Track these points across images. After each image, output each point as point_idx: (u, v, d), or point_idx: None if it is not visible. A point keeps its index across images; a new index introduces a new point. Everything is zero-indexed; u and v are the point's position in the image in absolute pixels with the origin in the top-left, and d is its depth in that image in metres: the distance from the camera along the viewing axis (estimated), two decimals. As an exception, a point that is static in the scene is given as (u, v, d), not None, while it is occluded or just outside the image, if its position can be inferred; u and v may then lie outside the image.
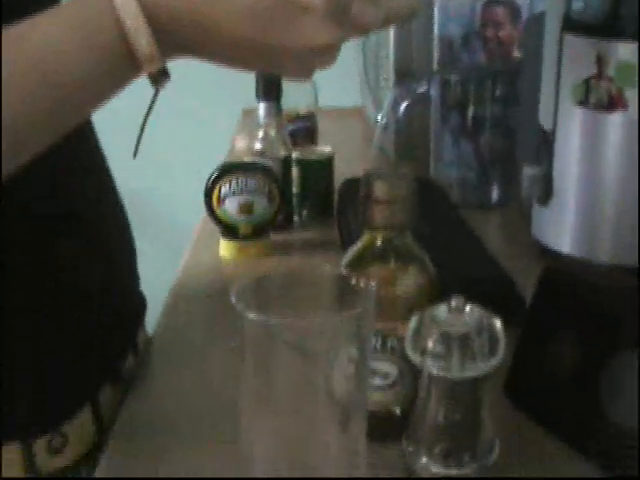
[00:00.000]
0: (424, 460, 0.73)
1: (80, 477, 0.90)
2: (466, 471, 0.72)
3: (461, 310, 0.70)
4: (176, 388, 0.93)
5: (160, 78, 0.70)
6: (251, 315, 0.61)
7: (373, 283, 0.64)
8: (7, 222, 0.79)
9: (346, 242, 1.15)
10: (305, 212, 1.42)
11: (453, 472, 0.72)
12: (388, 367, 0.77)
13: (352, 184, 1.32)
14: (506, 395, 0.84)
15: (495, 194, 1.48)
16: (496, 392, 0.82)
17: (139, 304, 1.09)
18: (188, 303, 1.15)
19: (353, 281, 0.66)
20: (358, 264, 0.77)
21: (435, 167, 1.52)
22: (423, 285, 0.77)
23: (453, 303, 0.70)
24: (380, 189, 0.74)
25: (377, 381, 0.77)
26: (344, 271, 0.67)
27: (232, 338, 0.61)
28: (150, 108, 0.75)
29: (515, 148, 1.43)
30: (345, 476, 0.66)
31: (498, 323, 0.70)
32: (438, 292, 0.77)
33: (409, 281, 0.77)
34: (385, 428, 0.78)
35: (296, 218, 1.41)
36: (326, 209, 1.42)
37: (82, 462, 0.90)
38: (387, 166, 1.50)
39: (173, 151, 2.52)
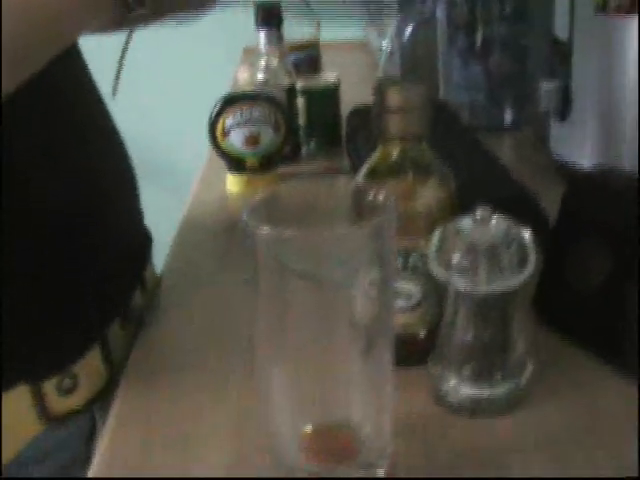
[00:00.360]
0: (453, 382, 0.69)
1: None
2: (498, 391, 0.68)
3: (487, 221, 0.66)
4: (187, 324, 0.90)
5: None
6: (264, 230, 0.55)
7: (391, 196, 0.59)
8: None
9: (357, 170, 1.11)
10: (312, 142, 1.38)
11: (485, 393, 0.68)
12: (411, 287, 0.73)
13: (360, 111, 1.27)
14: (536, 312, 0.80)
15: (507, 116, 1.43)
16: (526, 310, 0.79)
17: (144, 239, 1.05)
18: (196, 239, 1.12)
19: (370, 194, 0.61)
20: (373, 179, 0.72)
21: (444, 90, 1.47)
22: (444, 199, 0.72)
23: (478, 214, 0.66)
24: (393, 97, 0.69)
25: (400, 303, 0.73)
26: (360, 184, 0.62)
27: (243, 271, 0.58)
28: (127, 43, 0.72)
29: (526, 68, 1.39)
30: (370, 404, 0.62)
31: (527, 234, 0.66)
32: (459, 207, 0.72)
33: (429, 195, 0.72)
34: (410, 352, 0.74)
35: (304, 149, 1.38)
36: (334, 139, 1.38)
37: (94, 402, 0.87)
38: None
39: (176, 92, 2.48)
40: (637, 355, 0.71)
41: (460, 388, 0.69)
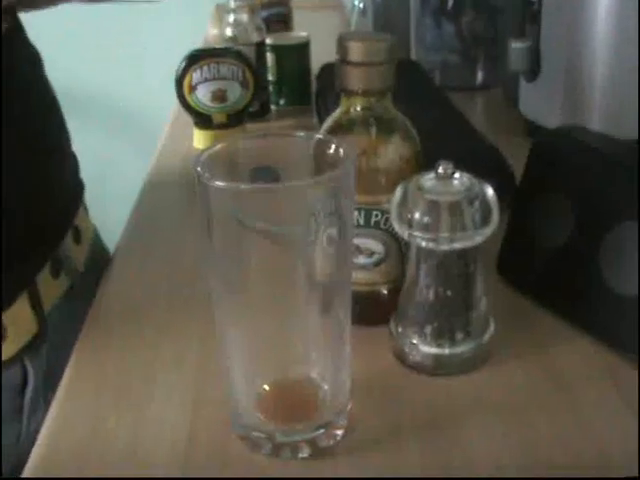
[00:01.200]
0: (414, 340, 0.68)
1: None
2: (459, 349, 0.67)
3: (449, 177, 0.65)
4: (145, 283, 0.88)
5: None
6: (218, 183, 0.54)
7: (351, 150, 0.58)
8: None
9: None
10: (282, 100, 1.37)
11: (445, 351, 0.67)
12: (373, 244, 0.72)
13: (330, 69, 1.25)
14: (499, 272, 0.79)
15: (479, 76, 1.43)
16: (489, 270, 0.78)
17: (75, 187, 1.03)
18: (160, 195, 1.10)
19: (331, 148, 0.59)
20: (336, 134, 0.70)
21: (416, 50, 1.46)
22: (407, 156, 0.71)
23: (440, 170, 0.65)
24: (355, 50, 0.68)
25: (361, 259, 0.72)
26: (321, 138, 0.61)
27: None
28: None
29: (498, 27, 1.38)
30: (328, 361, 0.62)
31: (490, 191, 0.65)
32: (424, 165, 0.70)
33: (392, 152, 0.71)
34: (373, 310, 0.73)
35: (273, 106, 1.36)
36: (304, 96, 1.36)
37: (24, 352, 0.86)
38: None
39: (146, 48, 2.46)
40: (599, 314, 0.70)
41: (421, 346, 0.68)
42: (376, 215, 0.70)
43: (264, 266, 0.58)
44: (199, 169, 0.55)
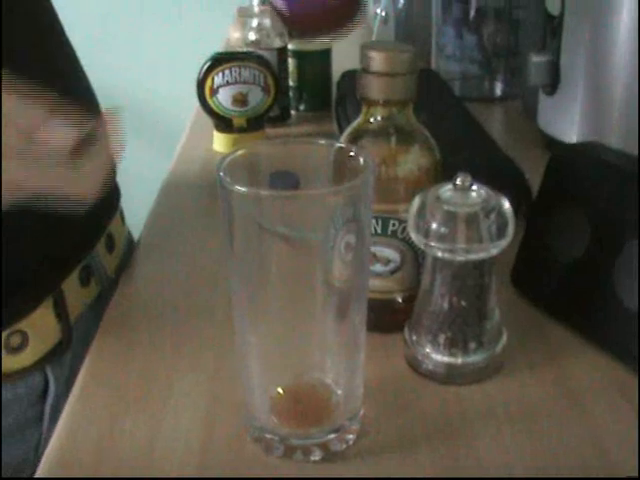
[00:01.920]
0: (427, 349, 0.69)
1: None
2: (472, 359, 0.68)
3: (467, 189, 0.65)
4: (165, 285, 0.88)
5: None
6: (239, 188, 0.55)
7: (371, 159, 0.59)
8: None
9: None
10: (302, 105, 1.37)
11: (458, 360, 0.68)
12: (389, 253, 0.72)
13: (351, 76, 1.27)
14: (513, 284, 0.80)
15: (498, 88, 1.43)
16: (503, 282, 0.79)
17: (111, 192, 1.02)
18: (179, 198, 1.10)
19: (351, 157, 0.60)
20: (356, 142, 0.71)
21: (437, 60, 1.47)
22: (427, 167, 0.71)
23: (459, 181, 0.65)
24: (378, 60, 0.68)
25: (377, 267, 0.72)
26: (341, 146, 0.62)
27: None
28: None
29: (519, 40, 1.39)
30: (342, 367, 0.63)
31: (506, 203, 0.65)
32: (442, 176, 0.71)
33: (411, 162, 0.71)
34: (387, 317, 0.74)
35: (293, 112, 1.37)
36: (324, 102, 1.37)
37: (46, 360, 0.85)
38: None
39: (169, 52, 2.47)
40: (610, 328, 0.71)
41: (434, 355, 0.69)
42: (393, 224, 0.71)
43: (283, 270, 0.59)
44: (221, 174, 0.56)
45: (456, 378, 0.69)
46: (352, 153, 0.60)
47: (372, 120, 0.71)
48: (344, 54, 1.38)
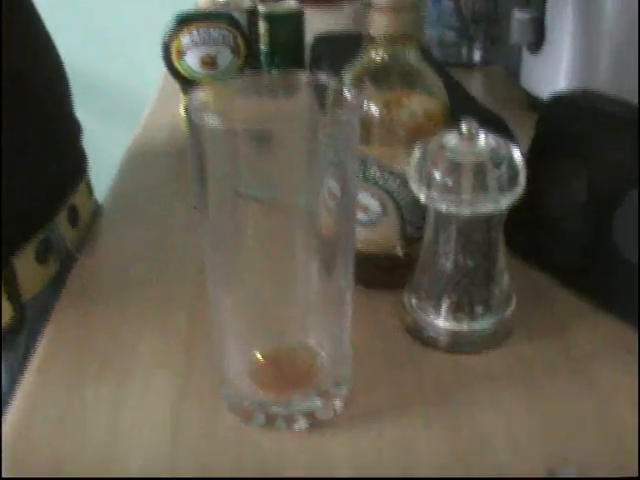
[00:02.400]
0: (430, 314, 0.63)
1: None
2: (479, 325, 0.62)
3: (474, 137, 0.59)
4: (133, 250, 0.82)
5: None
6: (212, 121, 0.48)
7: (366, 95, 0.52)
8: None
9: (320, 98, 1.04)
10: (274, 69, 1.31)
11: (464, 327, 0.62)
12: (368, 200, 0.66)
13: (325, 39, 1.21)
14: (507, 244, 0.73)
15: (477, 54, 1.37)
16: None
17: (72, 157, 0.94)
18: (147, 163, 1.05)
19: (334, 91, 0.54)
20: (357, 83, 0.65)
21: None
22: (432, 112, 0.66)
23: (464, 128, 0.59)
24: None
25: (358, 216, 0.66)
26: (321, 80, 0.55)
27: (194, 198, 0.51)
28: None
29: (498, 7, 1.34)
30: (327, 328, 0.57)
31: (517, 152, 0.59)
32: (449, 124, 0.65)
33: (415, 105, 0.65)
34: (373, 273, 0.68)
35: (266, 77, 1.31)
36: (297, 66, 1.31)
37: None
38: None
39: (135, 17, 2.40)
40: (615, 284, 0.66)
41: (437, 321, 0.63)
42: (373, 169, 0.65)
43: (259, 226, 0.54)
44: (190, 111, 0.50)
45: (462, 346, 0.63)
46: (336, 87, 0.54)
47: (375, 59, 0.65)
48: (318, 17, 1.33)
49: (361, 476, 0.53)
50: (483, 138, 0.59)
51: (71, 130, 0.94)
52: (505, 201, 0.59)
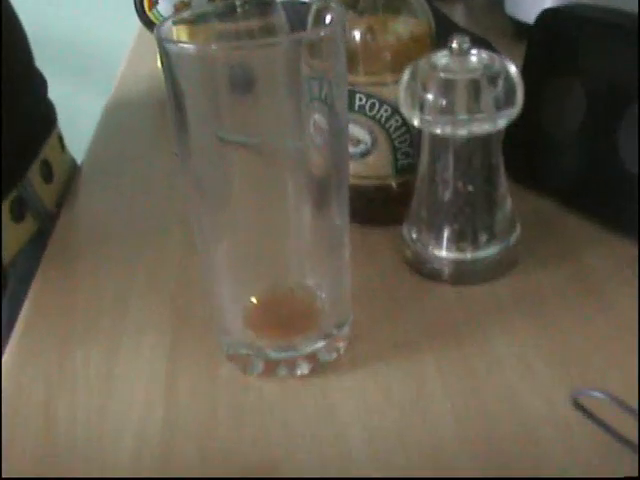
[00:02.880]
0: (431, 245, 0.60)
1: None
2: (483, 254, 0.59)
3: (466, 53, 0.56)
4: (115, 206, 0.79)
5: None
6: (187, 47, 0.45)
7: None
8: None
9: (294, 28, 1.01)
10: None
11: (467, 256, 0.59)
12: (358, 131, 0.63)
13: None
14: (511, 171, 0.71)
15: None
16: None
17: (39, 107, 0.91)
18: (124, 118, 1.01)
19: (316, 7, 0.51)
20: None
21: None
22: (419, 35, 0.62)
23: (455, 44, 0.56)
24: None
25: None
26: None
27: (174, 146, 0.48)
28: None
29: None
30: (324, 267, 0.54)
31: (513, 67, 0.56)
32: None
33: (401, 29, 0.62)
34: (366, 207, 0.66)
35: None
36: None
37: None
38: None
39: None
40: (618, 201, 0.63)
41: (439, 252, 0.60)
42: (360, 99, 0.62)
43: (245, 170, 0.50)
44: (160, 34, 0.47)
45: (466, 277, 0.60)
46: (318, 7, 0.51)
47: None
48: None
49: (370, 418, 0.50)
50: (475, 54, 0.56)
51: (32, 81, 0.91)
52: (503, 120, 0.55)
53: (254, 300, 0.54)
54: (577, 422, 0.47)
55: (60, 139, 0.93)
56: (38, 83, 0.92)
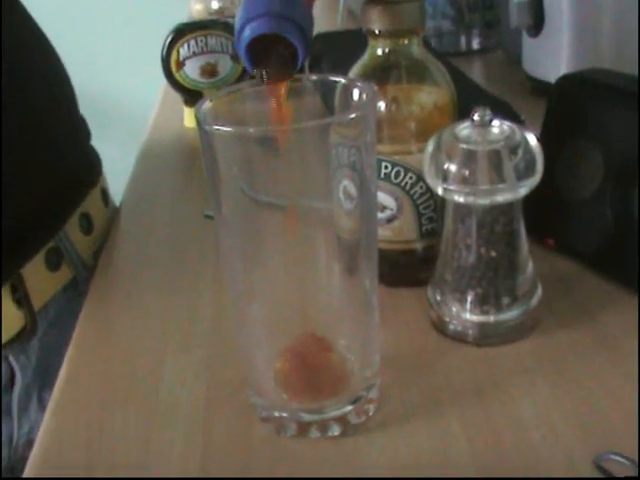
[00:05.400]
0: (455, 308, 0.62)
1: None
2: (506, 316, 0.61)
3: (487, 125, 0.58)
4: (147, 261, 0.82)
5: None
6: (223, 128, 0.48)
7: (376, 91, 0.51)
8: None
9: (324, 98, 1.04)
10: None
11: (491, 318, 0.61)
12: (383, 198, 0.66)
13: (324, 37, 1.20)
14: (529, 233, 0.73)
15: (475, 42, 1.37)
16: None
17: (80, 160, 0.92)
18: (153, 176, 1.04)
19: (355, 91, 0.53)
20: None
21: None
22: (442, 103, 0.65)
23: (477, 116, 0.58)
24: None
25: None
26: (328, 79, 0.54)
27: (203, 206, 0.50)
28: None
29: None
30: (355, 330, 0.57)
31: (533, 138, 0.58)
32: (457, 115, 0.66)
33: (424, 98, 0.64)
34: (392, 270, 0.68)
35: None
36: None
37: (7, 348, 0.78)
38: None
39: (131, 32, 2.39)
40: (634, 265, 0.64)
41: (464, 315, 0.62)
42: (386, 167, 0.65)
43: (277, 232, 0.53)
44: (201, 120, 0.49)
45: (490, 338, 0.62)
46: (356, 89, 0.53)
47: (379, 55, 0.65)
48: (315, 17, 1.31)
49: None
50: (497, 125, 0.58)
51: (77, 130, 0.93)
52: (524, 189, 0.58)
53: (285, 363, 0.56)
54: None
55: (104, 192, 0.95)
56: (82, 132, 0.94)
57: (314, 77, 0.56)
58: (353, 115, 0.49)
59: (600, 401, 0.56)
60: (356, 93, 0.53)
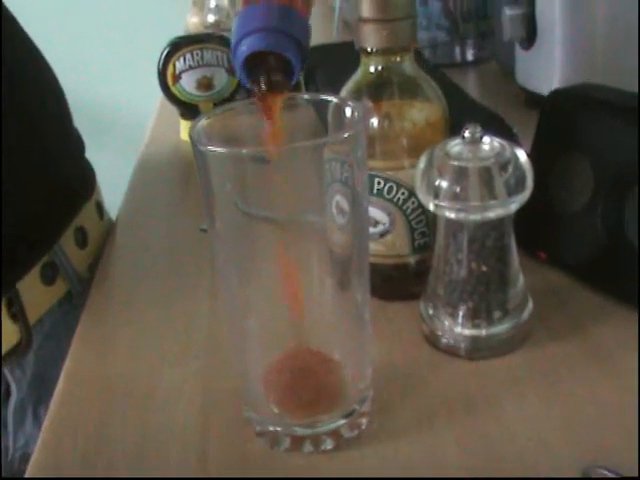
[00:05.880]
0: (447, 322, 0.63)
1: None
2: (498, 330, 0.62)
3: (478, 141, 0.59)
4: (144, 273, 0.83)
5: None
6: (218, 149, 0.49)
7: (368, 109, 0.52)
8: None
9: (317, 111, 1.04)
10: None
11: (482, 332, 0.62)
12: (376, 213, 0.66)
13: (318, 50, 1.20)
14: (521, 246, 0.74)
15: (469, 53, 1.38)
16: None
17: (74, 177, 0.93)
18: (149, 189, 1.05)
19: (346, 109, 0.54)
20: (356, 98, 0.65)
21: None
22: (433, 119, 0.65)
23: (467, 134, 0.59)
24: (372, 4, 0.62)
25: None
26: (323, 98, 0.55)
27: (200, 220, 0.51)
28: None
29: (487, 2, 1.34)
30: (348, 344, 0.57)
31: (523, 154, 0.59)
32: (449, 130, 0.66)
33: (416, 114, 0.65)
34: (385, 284, 0.68)
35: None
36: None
37: (3, 363, 0.79)
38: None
39: (126, 44, 2.40)
40: (629, 277, 0.65)
41: (455, 328, 0.62)
42: (378, 182, 0.65)
43: (270, 246, 0.54)
44: (194, 139, 0.50)
45: (481, 351, 0.62)
46: (347, 108, 0.54)
47: (372, 72, 0.65)
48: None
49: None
50: (487, 142, 0.59)
51: (70, 142, 0.94)
52: (514, 204, 0.58)
53: (278, 377, 0.56)
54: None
55: (99, 206, 0.95)
56: (77, 145, 0.95)
57: (307, 96, 0.56)
58: (346, 135, 0.50)
59: (591, 413, 0.56)
60: (348, 111, 0.53)
